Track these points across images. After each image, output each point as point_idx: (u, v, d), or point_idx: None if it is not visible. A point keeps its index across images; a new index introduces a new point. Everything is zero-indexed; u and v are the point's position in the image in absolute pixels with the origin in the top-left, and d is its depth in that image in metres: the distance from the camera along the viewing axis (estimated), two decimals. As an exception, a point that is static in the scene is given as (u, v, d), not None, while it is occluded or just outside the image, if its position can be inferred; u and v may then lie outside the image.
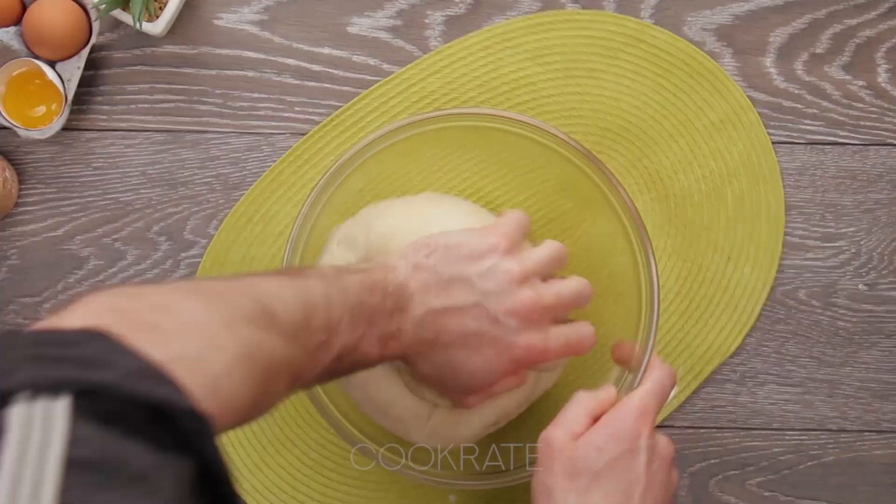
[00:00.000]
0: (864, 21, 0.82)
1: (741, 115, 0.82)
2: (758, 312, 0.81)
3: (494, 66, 0.81)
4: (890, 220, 0.82)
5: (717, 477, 0.82)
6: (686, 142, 0.82)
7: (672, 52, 0.81)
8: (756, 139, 0.82)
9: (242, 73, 0.82)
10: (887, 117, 0.82)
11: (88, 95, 0.82)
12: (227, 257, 0.81)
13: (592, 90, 0.82)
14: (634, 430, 0.65)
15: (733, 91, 0.81)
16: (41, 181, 0.82)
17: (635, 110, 0.82)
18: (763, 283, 0.81)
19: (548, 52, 0.81)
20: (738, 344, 0.81)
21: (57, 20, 0.78)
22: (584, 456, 0.64)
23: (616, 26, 0.81)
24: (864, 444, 0.82)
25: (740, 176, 0.82)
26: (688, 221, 0.82)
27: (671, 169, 0.82)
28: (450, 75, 0.81)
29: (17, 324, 0.81)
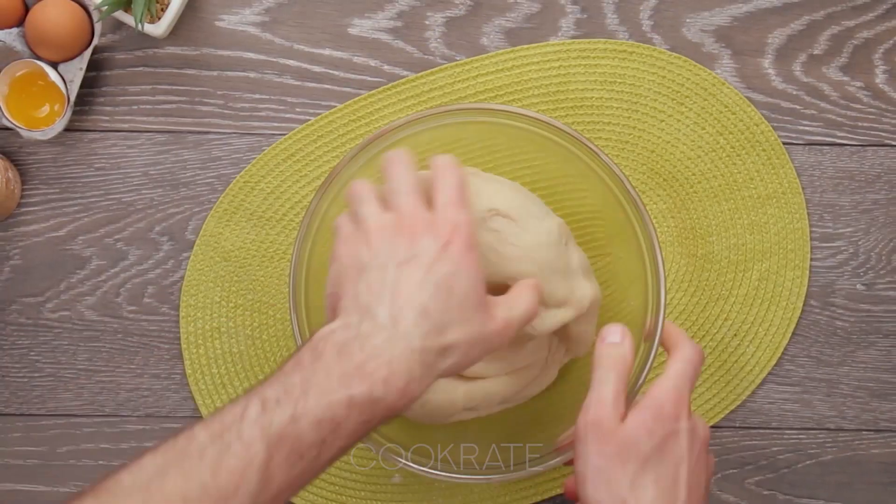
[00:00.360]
0: (861, 22, 0.82)
1: (788, 195, 0.82)
2: (752, 389, 0.81)
3: (565, 79, 0.81)
4: (888, 221, 0.82)
5: (716, 476, 0.82)
6: (729, 207, 0.82)
7: (738, 114, 0.81)
8: (796, 224, 0.82)
9: (244, 75, 0.82)
10: (885, 118, 0.82)
11: (91, 96, 0.82)
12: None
13: (651, 129, 0.82)
14: (674, 412, 0.63)
15: (787, 169, 0.81)
16: (44, 182, 0.82)
17: (688, 161, 0.82)
18: (763, 366, 0.82)
19: (619, 81, 0.81)
20: (729, 411, 0.81)
21: (59, 22, 0.78)
22: (635, 439, 0.62)
23: (692, 73, 0.81)
24: (861, 443, 0.82)
25: (771, 256, 0.81)
26: (707, 285, 0.82)
27: (707, 230, 0.82)
28: (520, 76, 0.81)
29: (20, 323, 0.81)
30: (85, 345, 0.81)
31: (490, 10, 0.82)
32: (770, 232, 0.82)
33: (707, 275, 0.82)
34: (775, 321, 0.82)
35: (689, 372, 0.65)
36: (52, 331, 0.81)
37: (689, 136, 0.82)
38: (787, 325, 0.82)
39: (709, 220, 0.82)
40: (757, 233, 0.82)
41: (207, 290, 0.81)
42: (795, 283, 0.82)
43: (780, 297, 0.82)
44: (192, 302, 0.81)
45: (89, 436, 0.81)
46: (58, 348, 0.81)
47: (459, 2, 0.82)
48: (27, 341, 0.81)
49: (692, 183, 0.82)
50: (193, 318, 0.81)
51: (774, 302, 0.82)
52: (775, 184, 0.82)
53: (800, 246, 0.82)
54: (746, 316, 0.82)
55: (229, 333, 0.81)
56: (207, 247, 0.81)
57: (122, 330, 0.81)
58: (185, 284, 0.81)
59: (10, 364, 0.81)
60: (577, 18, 0.82)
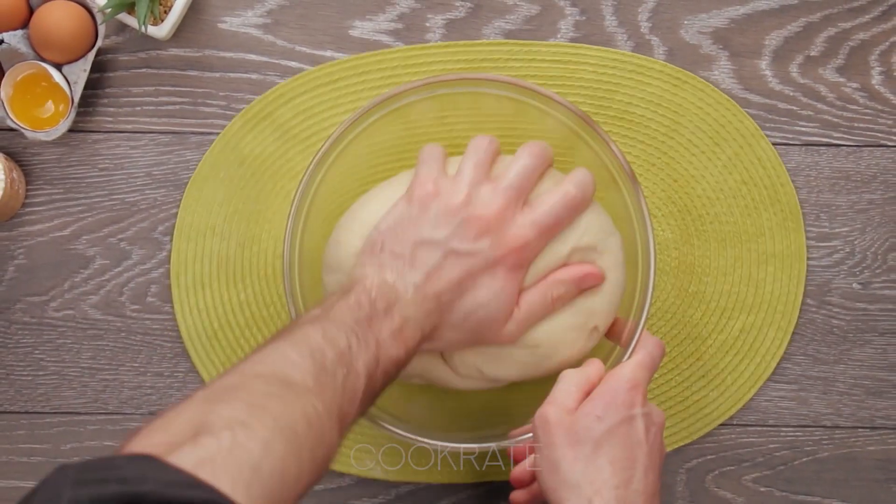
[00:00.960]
0: (858, 24, 0.83)
1: (792, 259, 0.81)
2: (709, 430, 0.82)
3: (615, 87, 0.82)
4: (883, 220, 0.83)
5: (713, 472, 0.82)
6: (732, 255, 0.82)
7: (767, 169, 0.81)
8: (792, 288, 0.82)
9: (246, 76, 0.82)
10: (881, 119, 0.83)
11: (94, 98, 0.82)
12: None
13: (681, 159, 0.82)
14: (629, 399, 0.66)
15: (798, 234, 0.81)
16: (48, 182, 0.82)
17: (706, 199, 0.82)
18: (721, 413, 0.82)
19: (664, 105, 0.82)
20: (691, 441, 0.82)
21: (63, 23, 0.77)
22: (584, 426, 0.65)
23: (734, 118, 0.81)
24: (857, 441, 0.82)
25: (759, 312, 0.82)
26: (689, 322, 0.82)
27: (705, 270, 0.82)
28: (574, 72, 0.81)
29: (25, 322, 0.82)
30: (89, 343, 0.82)
31: (490, 11, 0.82)
32: (765, 290, 0.82)
33: (692, 312, 0.82)
34: (745, 374, 0.82)
35: (647, 362, 0.69)
36: (56, 329, 0.82)
37: (714, 176, 0.82)
38: (755, 380, 0.82)
39: (710, 261, 0.82)
40: (752, 286, 0.82)
41: (213, 188, 0.81)
42: (774, 343, 0.82)
43: (756, 352, 0.82)
44: (195, 195, 0.81)
45: (93, 433, 0.81)
46: (62, 347, 0.82)
47: (459, 4, 0.82)
48: (32, 340, 0.82)
49: (704, 222, 0.82)
50: (192, 210, 0.81)
51: (748, 356, 0.82)
52: (783, 245, 0.82)
53: (789, 310, 0.82)
54: (719, 362, 0.82)
55: (222, 235, 0.81)
56: (227, 146, 0.81)
57: (125, 329, 0.82)
58: (194, 178, 0.81)
59: (15, 362, 0.82)
60: (576, 20, 0.82)
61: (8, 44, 0.78)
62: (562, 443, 0.65)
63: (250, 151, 0.81)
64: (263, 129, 0.81)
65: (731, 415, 0.82)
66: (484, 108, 0.76)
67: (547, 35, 0.82)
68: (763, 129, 0.82)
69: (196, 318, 0.81)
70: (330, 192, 0.74)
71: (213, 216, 0.81)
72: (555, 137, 0.74)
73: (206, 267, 0.81)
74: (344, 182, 0.76)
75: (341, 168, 0.74)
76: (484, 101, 0.74)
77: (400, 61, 0.81)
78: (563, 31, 0.82)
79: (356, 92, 0.81)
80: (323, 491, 0.82)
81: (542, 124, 0.74)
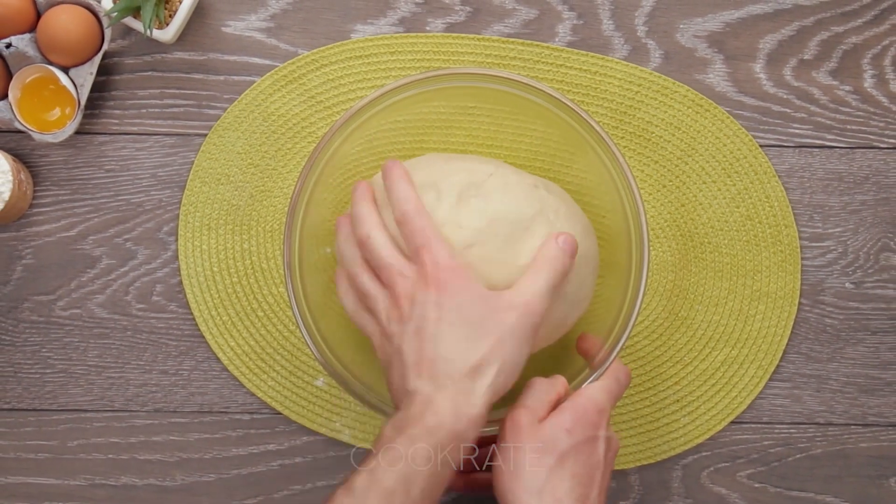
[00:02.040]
0: (850, 28, 0.83)
1: (784, 301, 0.82)
2: (681, 451, 0.82)
3: (637, 105, 0.82)
4: (875, 221, 0.83)
5: (708, 469, 0.82)
6: (726, 287, 0.82)
7: (773, 209, 0.82)
8: (780, 330, 0.82)
9: (249, 79, 0.82)
10: (873, 121, 0.83)
11: (101, 100, 0.82)
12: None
13: (691, 186, 0.82)
14: (596, 420, 0.68)
15: (794, 276, 0.81)
16: (55, 183, 0.82)
17: (710, 228, 0.82)
18: (690, 440, 0.82)
19: (683, 129, 0.82)
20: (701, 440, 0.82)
21: (70, 27, 0.78)
22: (553, 436, 0.66)
23: (750, 154, 0.82)
24: (850, 438, 0.83)
25: (742, 347, 0.82)
26: (673, 346, 0.82)
27: (696, 297, 0.82)
28: (598, 83, 0.82)
29: (33, 321, 0.82)
30: (95, 342, 0.82)
31: (488, 15, 0.82)
32: (753, 326, 0.82)
33: (678, 336, 0.82)
34: (718, 406, 0.82)
35: (615, 390, 0.70)
36: (63, 328, 0.82)
37: (721, 207, 0.82)
38: (727, 414, 0.82)
39: (703, 290, 0.82)
40: (741, 321, 0.82)
41: (234, 138, 0.82)
42: (752, 381, 0.82)
43: (734, 387, 0.82)
44: (216, 142, 0.82)
45: (99, 430, 0.82)
46: (69, 345, 0.82)
47: (459, 8, 0.82)
48: (39, 338, 0.82)
49: (704, 251, 0.82)
50: (210, 156, 0.82)
51: (725, 389, 0.82)
52: (778, 286, 0.82)
53: (774, 350, 0.82)
54: (696, 390, 0.82)
55: (236, 185, 0.82)
56: (253, 102, 0.82)
57: (131, 327, 0.82)
58: (217, 125, 0.81)
59: (23, 360, 0.82)
60: (574, 24, 0.82)
61: (16, 47, 0.78)
62: (529, 448, 0.66)
63: (275, 110, 0.82)
64: (291, 90, 0.82)
65: (696, 444, 0.82)
66: (504, 103, 0.77)
67: (545, 38, 0.82)
68: (757, 131, 0.82)
69: (198, 258, 0.81)
70: (346, 160, 0.75)
71: (230, 165, 0.82)
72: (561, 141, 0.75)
73: (216, 212, 0.82)
74: (360, 155, 0.77)
75: (360, 139, 0.75)
76: (501, 97, 0.75)
77: (433, 47, 0.82)
78: (560, 35, 0.82)
79: (386, 70, 0.82)
80: (325, 487, 0.82)
81: (549, 124, 0.75)
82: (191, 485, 0.82)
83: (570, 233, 0.70)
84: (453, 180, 0.72)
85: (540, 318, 0.67)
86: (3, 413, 0.82)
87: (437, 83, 0.72)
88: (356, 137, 0.74)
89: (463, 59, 0.82)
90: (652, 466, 0.82)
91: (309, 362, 0.82)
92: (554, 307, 0.71)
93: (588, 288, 0.75)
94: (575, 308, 0.74)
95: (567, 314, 0.74)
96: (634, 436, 0.82)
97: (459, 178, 0.72)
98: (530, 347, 0.67)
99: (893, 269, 0.83)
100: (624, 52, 0.83)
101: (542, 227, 0.71)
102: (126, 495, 0.82)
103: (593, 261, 0.75)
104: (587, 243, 0.74)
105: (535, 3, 0.82)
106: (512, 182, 0.73)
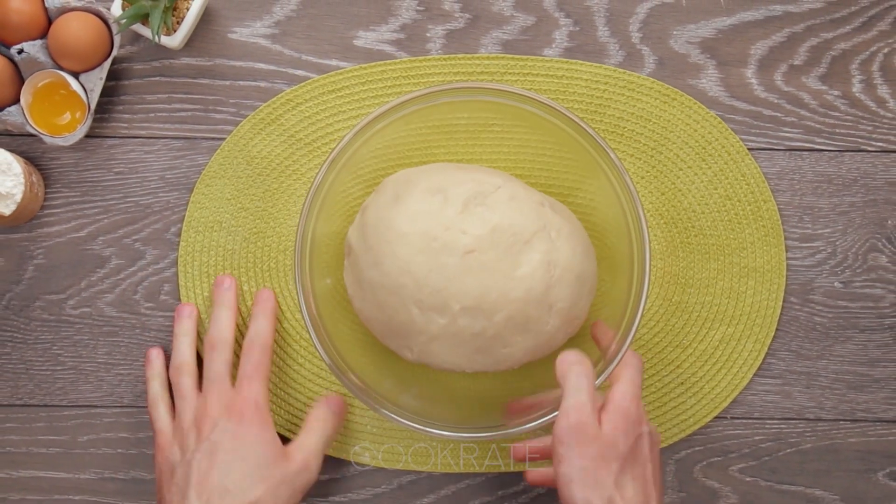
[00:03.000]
0: (839, 35, 0.83)
1: (772, 274, 0.82)
2: (690, 432, 0.83)
3: (606, 103, 0.82)
4: (864, 222, 0.83)
5: (701, 463, 0.83)
6: (715, 267, 0.82)
7: (750, 185, 0.82)
8: (771, 302, 0.82)
9: (255, 84, 0.83)
10: (861, 125, 0.83)
11: (110, 104, 0.83)
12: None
13: (669, 173, 0.82)
14: (638, 416, 0.68)
15: (779, 249, 0.82)
16: (66, 185, 0.83)
17: (692, 213, 0.82)
18: (698, 419, 0.83)
19: (654, 120, 0.82)
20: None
21: (81, 34, 0.78)
22: (614, 441, 0.66)
23: (721, 135, 0.82)
24: (839, 433, 0.83)
25: (738, 324, 0.82)
26: (672, 330, 0.83)
27: (688, 281, 0.82)
28: (567, 87, 0.82)
29: (44, 319, 0.82)
30: (105, 339, 0.82)
31: (487, 22, 0.83)
32: (745, 302, 0.82)
33: (675, 321, 0.83)
34: (722, 383, 0.82)
35: (638, 379, 0.70)
36: (73, 326, 0.83)
37: (700, 191, 0.82)
38: (731, 390, 0.82)
39: (693, 273, 0.83)
40: (733, 299, 0.82)
41: (222, 186, 0.82)
42: (752, 355, 0.83)
43: (734, 363, 0.83)
44: (204, 191, 0.82)
45: (108, 425, 0.82)
46: (79, 343, 0.83)
47: (459, 15, 0.83)
48: (50, 336, 0.82)
49: (689, 235, 0.83)
50: (201, 205, 0.82)
51: (726, 366, 0.83)
52: (763, 259, 0.82)
53: (767, 322, 0.82)
54: (698, 370, 0.83)
55: (229, 230, 0.82)
56: (235, 147, 0.82)
57: (139, 325, 0.82)
58: (204, 174, 0.82)
59: (35, 357, 0.82)
60: (570, 31, 0.83)
61: (28, 53, 0.78)
62: (597, 455, 0.65)
63: (258, 153, 0.82)
64: (271, 132, 0.82)
65: (705, 423, 0.83)
66: (477, 118, 0.78)
67: (543, 45, 0.83)
68: (748, 134, 0.83)
69: (201, 305, 0.82)
70: (338, 192, 0.76)
71: (220, 212, 0.82)
72: (558, 145, 0.76)
73: (213, 258, 0.82)
74: (351, 186, 0.79)
75: (349, 172, 0.76)
76: (477, 107, 0.76)
77: (402, 72, 0.82)
78: (557, 42, 0.83)
79: (359, 100, 0.82)
80: (328, 481, 0.83)
81: (542, 132, 0.76)
82: (198, 479, 0.82)
83: (338, 395, 0.79)
84: (462, 188, 0.74)
85: (314, 475, 0.75)
86: (16, 409, 0.82)
87: (432, 100, 0.74)
88: (347, 170, 0.75)
89: (431, 79, 0.82)
90: (646, 460, 0.83)
91: (319, 391, 0.83)
92: (544, 320, 0.73)
93: (582, 308, 0.77)
94: (567, 325, 0.76)
95: (558, 329, 0.75)
96: (660, 424, 0.83)
97: (468, 186, 0.73)
98: (298, 500, 0.74)
99: (881, 269, 0.83)
100: (619, 59, 0.83)
101: (543, 244, 0.73)
102: (135, 489, 0.83)
103: (590, 281, 0.77)
104: (585, 264, 0.76)
105: (533, 10, 0.83)
106: (519, 196, 0.75)
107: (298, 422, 0.83)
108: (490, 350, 0.75)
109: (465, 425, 0.74)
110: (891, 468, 0.83)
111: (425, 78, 0.83)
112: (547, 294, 0.74)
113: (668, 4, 0.83)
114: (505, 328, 0.73)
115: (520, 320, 0.74)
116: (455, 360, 0.75)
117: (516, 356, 0.76)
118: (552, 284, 0.74)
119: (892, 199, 0.84)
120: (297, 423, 0.83)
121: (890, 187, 0.84)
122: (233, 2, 0.83)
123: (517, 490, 0.83)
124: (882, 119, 0.84)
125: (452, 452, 0.82)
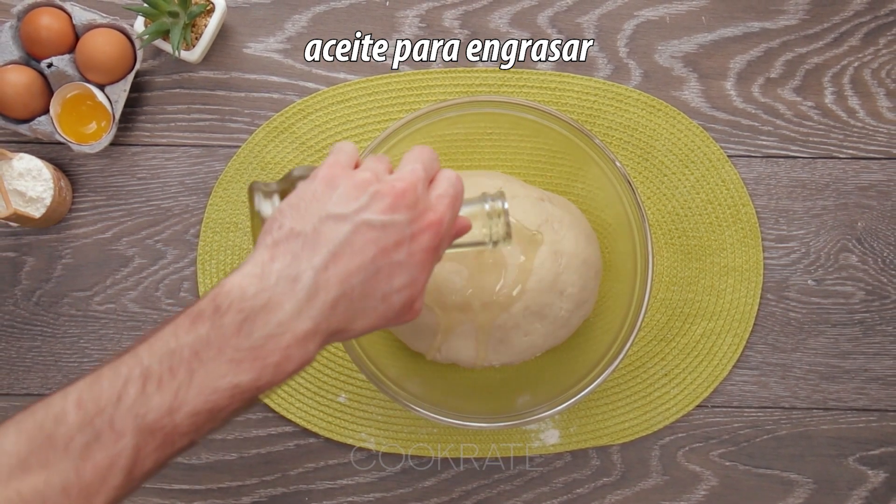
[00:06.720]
0: (812, 50, 0.86)
1: (750, 273, 0.83)
2: (671, 421, 0.84)
3: (597, 113, 0.84)
4: (835, 224, 0.85)
5: (683, 449, 0.85)
6: (697, 267, 0.83)
7: (730, 190, 0.84)
8: (749, 299, 0.84)
9: (268, 95, 0.85)
10: (833, 134, 0.85)
11: (133, 115, 0.84)
12: None
13: (654, 179, 0.84)
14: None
15: (756, 249, 0.84)
16: (92, 190, 0.84)
17: (675, 216, 0.84)
18: (680, 408, 0.84)
19: (640, 129, 0.84)
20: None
21: (106, 49, 0.80)
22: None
23: (703, 144, 0.83)
24: (812, 420, 0.85)
25: (718, 319, 0.84)
26: (656, 326, 0.84)
27: (671, 280, 0.84)
28: (559, 98, 0.84)
29: (72, 314, 0.84)
30: (128, 334, 0.84)
31: (486, 38, 0.85)
32: (725, 299, 0.84)
33: (659, 317, 0.85)
34: (703, 375, 0.84)
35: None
36: (99, 321, 0.84)
37: (683, 195, 0.84)
38: (712, 381, 0.84)
39: (675, 272, 0.84)
40: (713, 296, 0.84)
41: (238, 189, 0.83)
42: (731, 348, 0.84)
43: (714, 356, 0.84)
44: (221, 195, 0.84)
45: None
46: (104, 337, 0.84)
47: (458, 31, 0.85)
48: (77, 330, 0.84)
49: (673, 237, 0.84)
50: (218, 208, 0.84)
51: (707, 359, 0.84)
52: (742, 259, 0.84)
53: (746, 318, 0.84)
54: (680, 363, 0.84)
55: (244, 231, 0.83)
56: (250, 154, 0.83)
57: (161, 320, 0.84)
58: (221, 179, 0.83)
59: (63, 350, 0.84)
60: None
61: (57, 67, 0.80)
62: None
63: (272, 159, 0.84)
64: (283, 140, 0.84)
65: (687, 411, 0.84)
66: (477, 128, 0.80)
67: (536, 59, 0.85)
68: (728, 142, 0.85)
69: None
70: None
71: (237, 214, 0.84)
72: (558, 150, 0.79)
73: (230, 258, 0.84)
74: None
75: None
76: (475, 119, 0.78)
77: (405, 84, 0.85)
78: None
79: (366, 110, 0.85)
80: (336, 465, 0.84)
81: (537, 136, 0.79)
82: (214, 463, 0.84)
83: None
84: (468, 193, 0.75)
85: None
86: (46, 398, 0.86)
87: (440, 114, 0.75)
88: None
89: (434, 91, 0.84)
90: (632, 446, 0.84)
91: (330, 381, 0.84)
92: (557, 306, 0.76)
93: (591, 291, 0.79)
94: (579, 308, 0.79)
95: (571, 313, 0.78)
96: (630, 410, 0.84)
97: (473, 191, 0.75)
98: None
99: (851, 268, 0.85)
100: (607, 72, 0.85)
101: (547, 236, 0.77)
102: (159, 473, 0.86)
103: (595, 265, 0.80)
104: (589, 250, 0.79)
105: (528, 26, 0.85)
106: (520, 195, 0.78)
107: (311, 409, 0.84)
108: (512, 341, 0.77)
109: (497, 414, 0.76)
110: (860, 453, 0.85)
111: (427, 90, 0.85)
112: (556, 281, 0.77)
113: (653, 21, 0.86)
114: (524, 318, 0.77)
115: (535, 309, 0.77)
116: (482, 355, 0.78)
117: (537, 343, 0.79)
118: (560, 272, 0.77)
119: (862, 202, 0.85)
120: (308, 413, 0.84)
121: (860, 192, 0.85)
122: (247, 19, 0.85)
123: (512, 474, 0.85)
124: (852, 128, 0.86)
125: (453, 452, 0.84)
